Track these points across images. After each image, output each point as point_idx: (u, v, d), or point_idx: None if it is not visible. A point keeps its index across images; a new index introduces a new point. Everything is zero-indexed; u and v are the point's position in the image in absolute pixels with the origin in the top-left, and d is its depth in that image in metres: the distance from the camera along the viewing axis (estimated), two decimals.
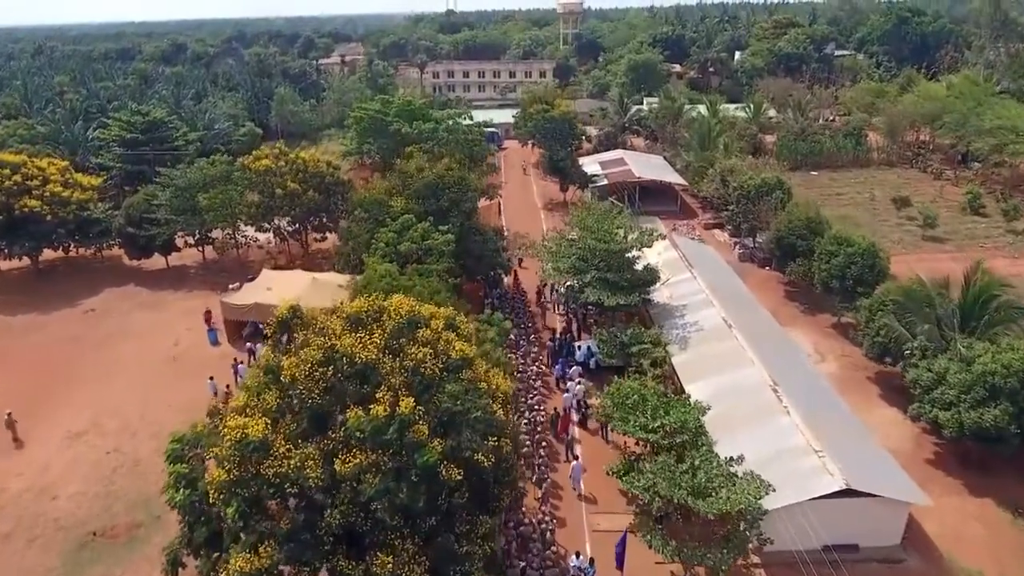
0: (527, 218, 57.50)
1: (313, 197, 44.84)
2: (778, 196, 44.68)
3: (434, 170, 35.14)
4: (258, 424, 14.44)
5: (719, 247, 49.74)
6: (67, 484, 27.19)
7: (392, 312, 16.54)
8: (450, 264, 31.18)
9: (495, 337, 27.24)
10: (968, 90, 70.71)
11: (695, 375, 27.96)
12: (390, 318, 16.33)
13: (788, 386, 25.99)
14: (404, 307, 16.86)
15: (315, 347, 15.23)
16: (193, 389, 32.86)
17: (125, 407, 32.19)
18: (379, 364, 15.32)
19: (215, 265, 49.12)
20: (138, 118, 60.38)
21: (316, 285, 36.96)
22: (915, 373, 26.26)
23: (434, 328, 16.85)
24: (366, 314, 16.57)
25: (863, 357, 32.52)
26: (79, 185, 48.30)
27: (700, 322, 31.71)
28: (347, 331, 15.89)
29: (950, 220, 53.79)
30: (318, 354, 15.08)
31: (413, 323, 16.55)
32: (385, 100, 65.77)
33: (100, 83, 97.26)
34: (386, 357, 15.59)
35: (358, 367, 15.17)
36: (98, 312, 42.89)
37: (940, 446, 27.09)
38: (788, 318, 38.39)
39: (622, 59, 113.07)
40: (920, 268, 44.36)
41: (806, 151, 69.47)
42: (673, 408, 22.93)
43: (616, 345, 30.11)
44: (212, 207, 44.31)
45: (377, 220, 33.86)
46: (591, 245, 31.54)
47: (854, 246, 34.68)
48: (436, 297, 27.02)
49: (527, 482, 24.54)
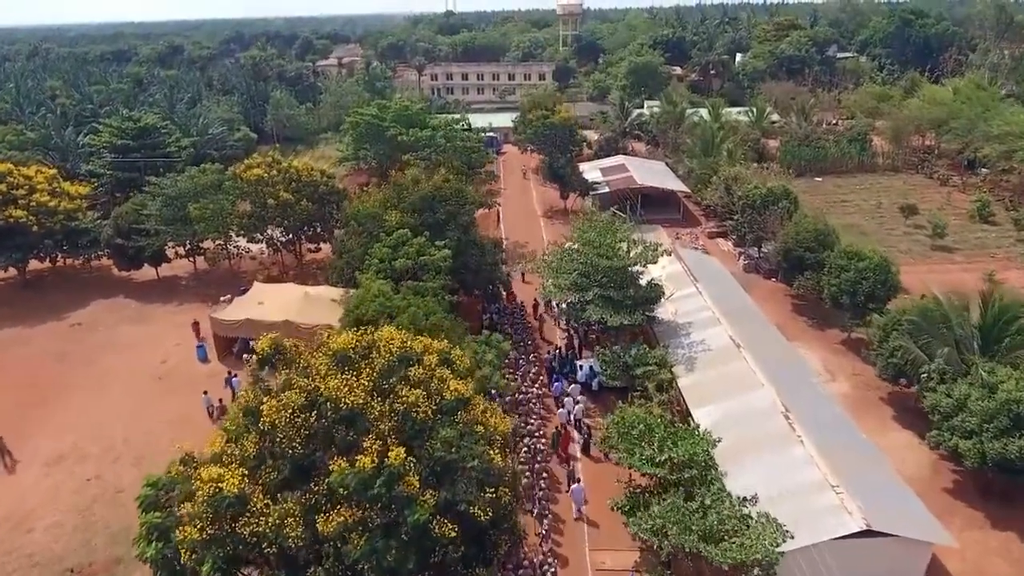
0: (526, 226, 56.33)
1: (306, 207, 43.61)
2: (785, 206, 43.46)
3: (430, 182, 33.90)
4: (234, 476, 13.23)
5: (723, 257, 48.54)
6: (44, 515, 25.96)
7: (382, 348, 15.31)
8: (446, 281, 29.95)
9: (493, 360, 26.08)
10: (975, 95, 69.52)
11: (702, 399, 26.75)
12: (380, 355, 15.09)
13: (800, 412, 24.78)
14: (395, 342, 15.65)
15: (298, 390, 13.99)
16: (180, 409, 31.73)
17: (108, 429, 30.97)
18: (367, 409, 14.11)
19: (207, 276, 47.88)
20: (129, 124, 59.11)
21: (309, 300, 35.78)
22: (934, 399, 25.06)
23: (427, 365, 15.62)
24: (354, 351, 15.32)
25: (874, 375, 31.35)
26: (67, 194, 47.02)
27: (707, 341, 30.50)
28: (333, 371, 14.67)
29: (959, 229, 52.59)
30: (300, 398, 13.87)
31: (404, 360, 15.34)
32: (382, 105, 64.46)
33: (93, 87, 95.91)
34: (375, 401, 14.38)
35: (344, 413, 13.94)
36: (85, 325, 41.66)
37: (959, 474, 25.87)
38: (796, 333, 37.19)
39: (622, 61, 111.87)
40: (930, 280, 43.27)
41: (810, 156, 68.32)
42: (681, 439, 21.70)
43: (619, 366, 28.90)
44: (203, 217, 43.08)
45: (371, 234, 32.62)
46: (593, 261, 30.29)
47: (865, 260, 33.48)
48: (432, 318, 25.85)
49: (527, 515, 23.36)
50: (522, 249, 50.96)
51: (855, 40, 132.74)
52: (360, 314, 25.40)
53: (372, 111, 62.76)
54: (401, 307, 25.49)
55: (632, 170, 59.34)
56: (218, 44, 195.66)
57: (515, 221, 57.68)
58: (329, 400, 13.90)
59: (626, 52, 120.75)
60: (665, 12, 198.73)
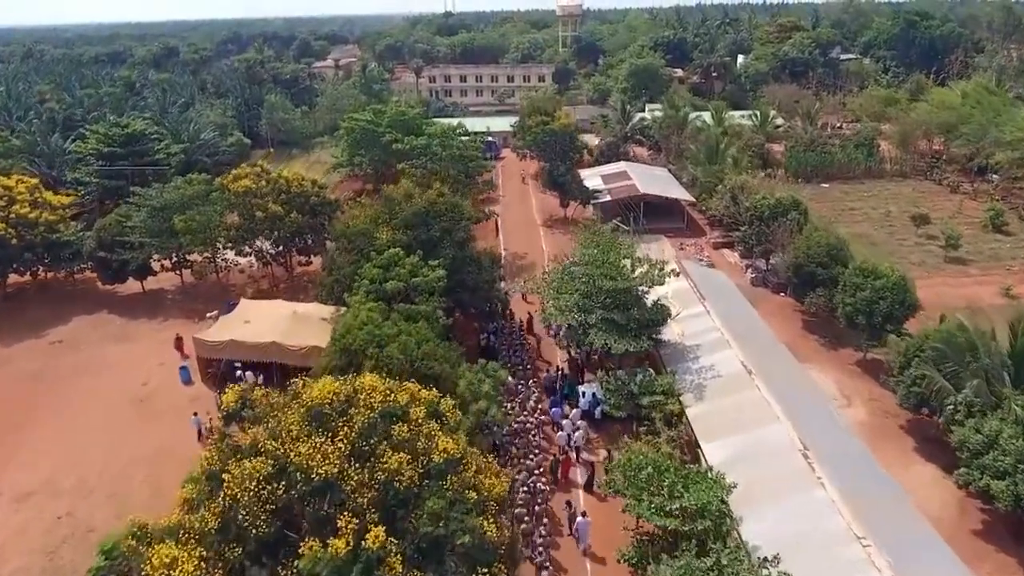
0: (526, 236, 54.63)
1: (296, 219, 41.90)
2: (794, 217, 41.75)
3: (424, 196, 32.17)
4: (190, 561, 11.51)
5: (729, 269, 46.86)
6: (11, 557, 24.28)
7: (363, 400, 13.60)
8: (440, 303, 28.25)
9: (490, 391, 24.39)
10: (985, 99, 67.81)
11: (713, 432, 25.04)
12: (359, 411, 13.37)
13: (819, 448, 23.09)
14: (377, 393, 13.94)
15: (264, 457, 12.28)
16: (159, 437, 30.06)
17: (83, 460, 29.24)
18: (343, 478, 12.38)
19: (194, 290, 46.14)
20: (116, 130, 57.38)
21: (297, 319, 34.10)
22: (962, 434, 23.38)
23: (414, 419, 13.91)
24: (330, 405, 13.60)
25: (893, 400, 29.64)
26: (48, 205, 45.32)
27: (716, 366, 28.78)
28: (306, 431, 12.94)
29: (972, 239, 50.89)
30: (267, 467, 12.15)
31: (388, 416, 13.62)
32: (377, 110, 62.89)
33: (84, 90, 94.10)
34: (352, 468, 12.66)
35: (316, 483, 12.23)
36: (65, 343, 39.93)
37: (989, 513, 24.17)
38: (808, 353, 35.50)
39: (623, 63, 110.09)
40: (944, 294, 41.75)
41: (816, 162, 66.63)
42: (693, 484, 20.02)
43: (624, 395, 27.19)
44: (189, 230, 41.36)
45: (361, 252, 30.91)
46: (597, 282, 28.58)
47: (882, 279, 31.76)
48: (424, 346, 24.17)
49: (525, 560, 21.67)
50: (521, 261, 49.31)
51: (858, 41, 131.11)
52: (347, 343, 23.68)
53: (367, 116, 61.21)
54: (391, 335, 23.78)
55: (634, 177, 57.61)
56: (216, 45, 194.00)
57: (514, 230, 55.99)
58: (299, 470, 12.22)
59: (626, 54, 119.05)
60: (665, 13, 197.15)
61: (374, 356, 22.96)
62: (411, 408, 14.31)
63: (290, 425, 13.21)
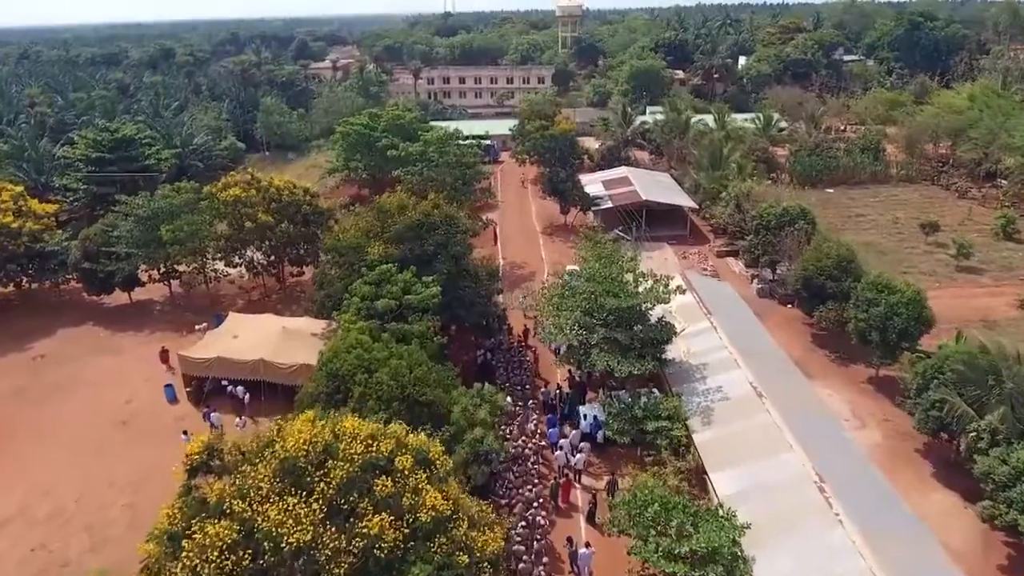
0: (525, 244, 53.29)
1: (287, 229, 40.54)
2: (802, 227, 40.40)
3: (419, 208, 30.79)
4: None
5: (734, 279, 45.51)
6: None
7: (343, 451, 12.24)
8: (434, 322, 26.90)
9: (486, 418, 23.06)
10: (993, 102, 66.45)
11: (722, 461, 23.71)
12: (338, 465, 12.01)
13: (836, 481, 21.76)
14: (358, 443, 12.56)
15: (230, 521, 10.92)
16: (141, 461, 28.66)
17: (61, 486, 27.89)
18: (318, 546, 11.03)
19: (183, 300, 44.81)
20: (106, 135, 55.94)
21: (287, 335, 32.81)
22: (987, 464, 22.04)
23: (400, 468, 12.55)
24: (306, 458, 12.24)
25: (907, 420, 28.25)
26: (33, 213, 43.98)
27: (724, 388, 27.46)
28: (278, 487, 11.58)
29: (983, 247, 49.50)
30: (232, 533, 10.80)
31: (370, 468, 12.25)
32: (373, 114, 61.58)
33: (76, 93, 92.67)
34: (328, 533, 11.29)
35: (287, 552, 10.89)
36: (48, 358, 38.56)
37: (1015, 548, 22.85)
38: (818, 369, 34.16)
39: (623, 65, 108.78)
40: (957, 306, 40.31)
41: (821, 167, 65.23)
42: (702, 522, 18.68)
43: (627, 419, 25.81)
44: (176, 240, 39.98)
45: (352, 267, 29.56)
46: (599, 300, 27.22)
47: (897, 294, 30.40)
48: (416, 371, 22.84)
49: None
50: (520, 270, 47.99)
51: (861, 43, 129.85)
52: (334, 368, 22.36)
53: (363, 120, 59.93)
54: (381, 360, 22.46)
55: (636, 183, 56.28)
56: (214, 46, 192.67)
57: (513, 237, 54.65)
58: (268, 537, 10.88)
59: (627, 55, 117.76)
60: (665, 13, 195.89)
61: (362, 382, 21.69)
62: (397, 456, 12.95)
63: (260, 481, 11.86)
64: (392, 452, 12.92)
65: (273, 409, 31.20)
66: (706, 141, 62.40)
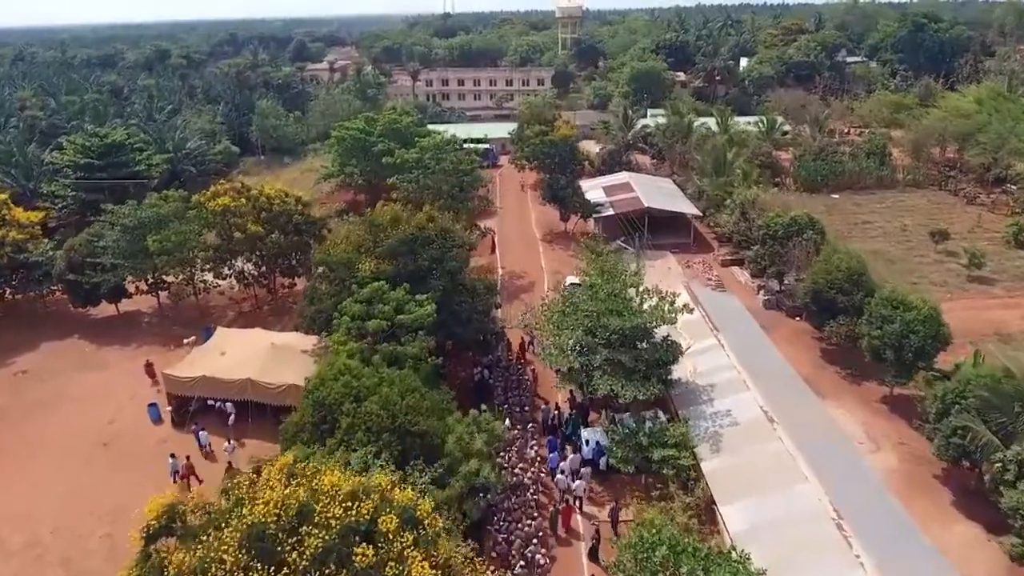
0: (525, 252, 51.95)
1: (278, 239, 39.23)
2: (811, 237, 39.09)
3: (413, 221, 29.45)
4: None
5: (739, 289, 44.23)
6: None
7: (319, 514, 10.92)
8: (428, 342, 25.58)
9: (482, 448, 21.74)
10: (1002, 106, 65.13)
11: (733, 492, 22.40)
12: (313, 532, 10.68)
13: (854, 516, 20.46)
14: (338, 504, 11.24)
15: None
16: (122, 487, 27.27)
17: (37, 513, 26.56)
18: None
19: (172, 312, 43.46)
20: (95, 140, 54.62)
21: (275, 352, 31.50)
22: (1015, 498, 20.74)
23: (384, 531, 11.22)
24: (277, 524, 10.92)
25: (924, 444, 26.99)
26: (16, 223, 42.66)
27: (733, 412, 26.14)
28: (244, 560, 10.26)
29: (995, 255, 48.12)
30: None
31: (350, 533, 10.93)
32: (369, 118, 60.29)
33: (69, 96, 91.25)
34: None
35: None
36: (31, 374, 37.25)
37: None
38: (829, 388, 32.80)
39: (624, 67, 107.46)
40: (970, 318, 38.92)
41: (826, 172, 63.91)
42: (714, 567, 17.33)
43: (632, 446, 24.48)
44: (163, 250, 38.69)
45: (343, 283, 28.23)
46: (602, 320, 25.88)
47: (913, 311, 29.08)
48: (409, 398, 21.54)
49: None
50: (519, 280, 46.69)
51: (863, 44, 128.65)
52: (321, 396, 21.04)
53: (359, 125, 58.68)
54: (371, 387, 21.14)
55: (638, 190, 54.92)
56: (212, 47, 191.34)
57: (512, 245, 53.30)
58: None
59: (627, 57, 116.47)
60: (665, 14, 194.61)
61: (350, 412, 20.39)
62: (381, 515, 11.64)
63: (225, 551, 10.55)
64: (376, 510, 11.63)
65: (261, 430, 30.11)
66: (709, 146, 61.08)
